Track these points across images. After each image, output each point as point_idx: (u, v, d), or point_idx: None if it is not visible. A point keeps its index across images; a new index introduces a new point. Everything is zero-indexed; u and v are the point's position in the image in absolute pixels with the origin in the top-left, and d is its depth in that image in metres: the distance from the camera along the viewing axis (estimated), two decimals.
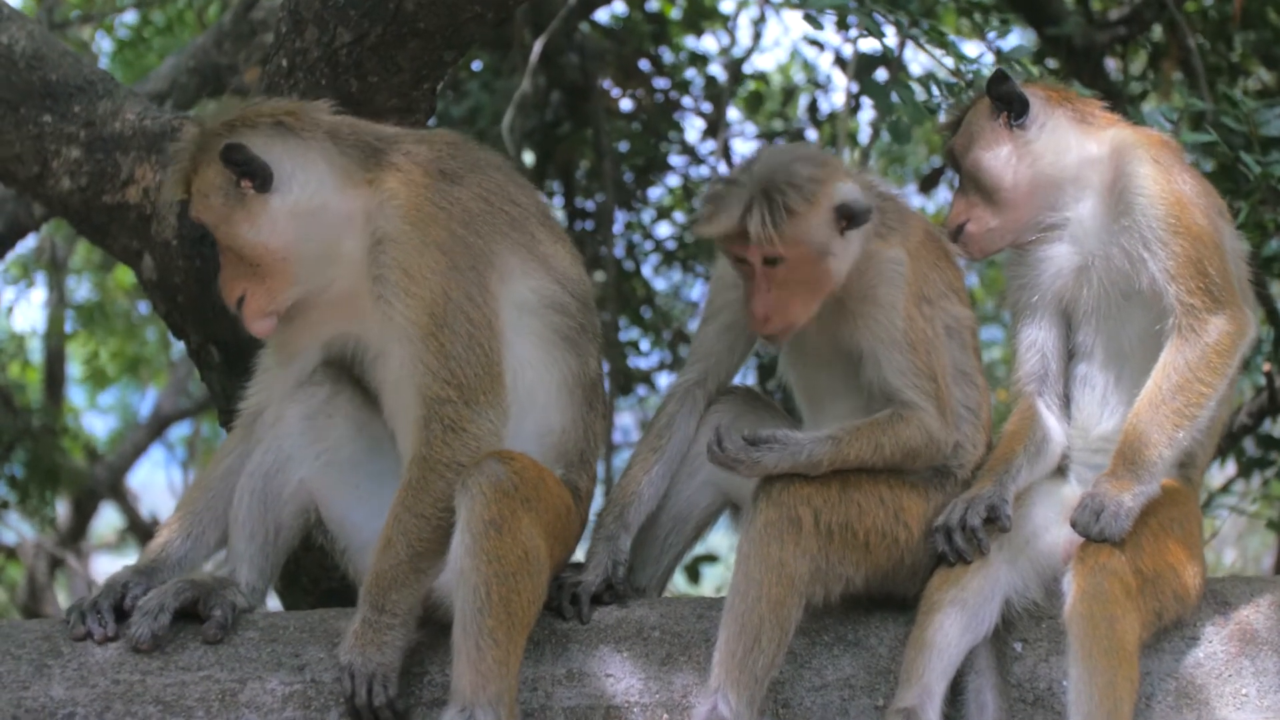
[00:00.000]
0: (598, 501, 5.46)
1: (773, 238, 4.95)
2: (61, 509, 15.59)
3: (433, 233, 4.95)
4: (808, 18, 6.24)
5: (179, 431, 18.95)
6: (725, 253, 5.14)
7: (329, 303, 5.13)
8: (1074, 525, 4.95)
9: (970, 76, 6.19)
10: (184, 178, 5.09)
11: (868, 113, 11.41)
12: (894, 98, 6.13)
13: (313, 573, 6.16)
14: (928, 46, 6.37)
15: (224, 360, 6.09)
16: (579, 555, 5.32)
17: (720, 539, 5.90)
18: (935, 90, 6.21)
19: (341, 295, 5.08)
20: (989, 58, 6.68)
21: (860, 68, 10.27)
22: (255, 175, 4.96)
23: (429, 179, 5.04)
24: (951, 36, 6.28)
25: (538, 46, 9.75)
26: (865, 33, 6.18)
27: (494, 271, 5.04)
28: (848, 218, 5.05)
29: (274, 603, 6.06)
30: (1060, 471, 5.40)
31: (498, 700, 4.66)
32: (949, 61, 6.31)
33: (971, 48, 7.26)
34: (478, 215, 5.06)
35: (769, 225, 4.94)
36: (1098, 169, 5.28)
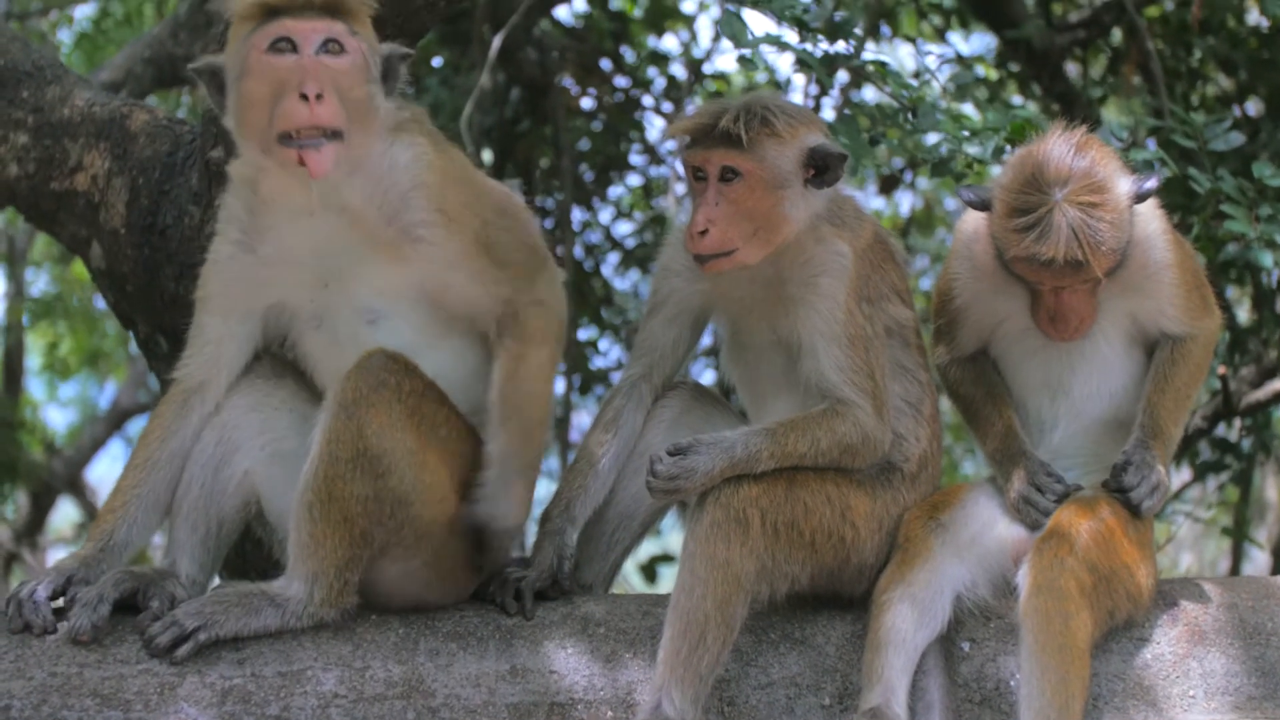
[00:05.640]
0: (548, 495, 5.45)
1: (741, 137, 4.99)
2: (19, 502, 15.52)
3: (452, 172, 5.08)
4: (742, 59, 6.22)
5: (138, 425, 18.86)
6: (686, 166, 5.15)
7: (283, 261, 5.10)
8: (1121, 483, 5.09)
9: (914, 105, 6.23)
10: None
11: (829, 113, 11.42)
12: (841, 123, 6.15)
13: (260, 566, 6.12)
14: (872, 76, 6.41)
15: (172, 350, 6.04)
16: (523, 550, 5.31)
17: (677, 539, 5.88)
18: (879, 121, 6.25)
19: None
20: (935, 86, 6.71)
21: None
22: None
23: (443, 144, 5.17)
24: (910, 40, 6.28)
25: (496, 42, 9.71)
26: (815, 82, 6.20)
27: None
28: (817, 167, 5.09)
29: None
30: None
31: (313, 578, 4.85)
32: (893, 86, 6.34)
33: (932, 49, 7.28)
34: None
35: (740, 125, 4.99)
36: None
